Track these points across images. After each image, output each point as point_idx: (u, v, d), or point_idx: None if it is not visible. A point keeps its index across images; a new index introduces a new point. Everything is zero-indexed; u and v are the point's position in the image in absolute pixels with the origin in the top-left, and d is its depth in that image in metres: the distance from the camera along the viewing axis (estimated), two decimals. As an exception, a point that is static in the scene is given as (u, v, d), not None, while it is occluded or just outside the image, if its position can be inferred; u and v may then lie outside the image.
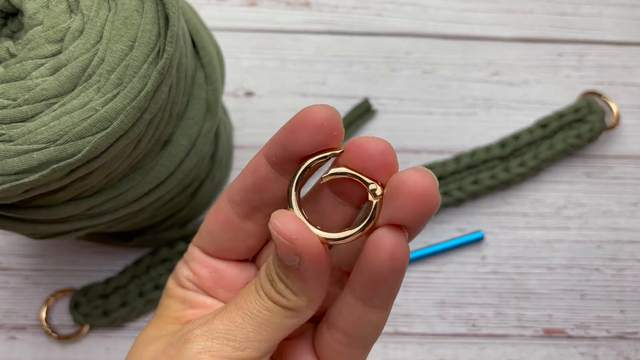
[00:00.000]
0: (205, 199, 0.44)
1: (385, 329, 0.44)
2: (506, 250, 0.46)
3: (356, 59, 0.50)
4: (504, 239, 0.46)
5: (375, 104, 0.49)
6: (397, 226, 0.22)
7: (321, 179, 0.24)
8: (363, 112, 0.48)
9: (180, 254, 0.43)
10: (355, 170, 0.23)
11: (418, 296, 0.45)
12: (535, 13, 0.51)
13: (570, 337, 0.44)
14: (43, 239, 0.34)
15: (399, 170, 0.22)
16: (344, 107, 0.48)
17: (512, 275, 0.45)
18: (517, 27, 0.51)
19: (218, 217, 0.27)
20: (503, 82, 0.49)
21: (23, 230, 0.31)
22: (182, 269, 0.29)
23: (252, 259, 0.29)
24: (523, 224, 0.46)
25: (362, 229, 0.22)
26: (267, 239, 0.28)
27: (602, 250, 0.46)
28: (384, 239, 0.22)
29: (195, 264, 0.28)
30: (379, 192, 0.22)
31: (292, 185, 0.23)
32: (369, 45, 0.50)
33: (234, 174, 0.47)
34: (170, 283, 0.29)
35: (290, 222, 0.22)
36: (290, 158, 0.23)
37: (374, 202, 0.22)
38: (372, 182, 0.22)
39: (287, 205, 0.23)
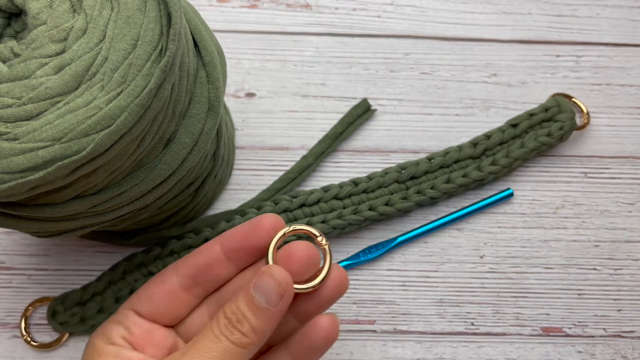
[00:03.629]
0: (207, 198, 0.44)
1: (384, 327, 0.44)
2: (504, 250, 0.46)
3: (355, 60, 0.50)
4: (502, 239, 0.46)
5: (374, 104, 0.49)
6: (331, 315, 0.32)
7: (284, 234, 0.33)
8: (362, 112, 0.48)
9: (155, 259, 0.44)
10: (304, 230, 0.33)
11: (417, 295, 0.45)
12: (532, 14, 0.52)
13: (567, 335, 0.44)
14: (47, 238, 0.34)
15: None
16: (343, 108, 0.49)
17: (510, 275, 0.46)
18: (514, 28, 0.51)
19: (163, 286, 0.34)
20: (501, 83, 0.50)
21: (28, 228, 0.31)
22: (114, 328, 0.34)
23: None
24: (521, 223, 0.47)
25: (321, 281, 0.32)
26: (192, 309, 0.35)
27: (599, 249, 0.46)
28: (324, 323, 0.32)
29: (130, 324, 0.34)
30: (324, 242, 0.33)
31: (272, 248, 0.32)
32: (368, 46, 0.51)
33: (236, 174, 0.47)
34: (98, 343, 0.33)
35: (283, 273, 0.30)
36: (247, 248, 0.33)
37: (327, 258, 0.32)
38: (319, 234, 0.33)
39: (266, 261, 0.32)
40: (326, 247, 0.33)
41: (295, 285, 0.31)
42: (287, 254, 0.32)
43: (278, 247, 0.33)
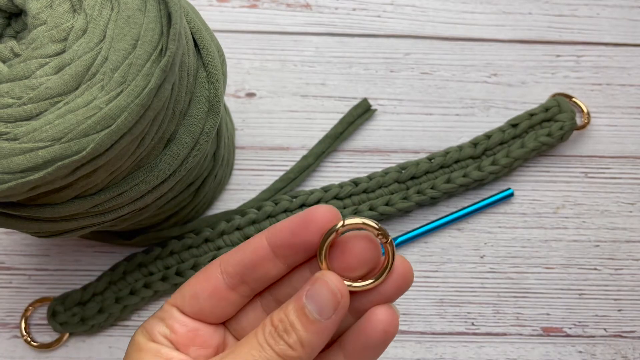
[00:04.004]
0: (208, 198, 0.44)
1: (385, 327, 0.44)
2: (504, 250, 0.46)
3: (356, 60, 0.50)
4: (502, 239, 0.46)
5: (374, 104, 0.49)
6: (389, 306, 0.28)
7: (336, 231, 0.28)
8: (362, 112, 0.48)
9: (156, 259, 0.44)
10: (361, 224, 0.28)
11: (417, 295, 0.45)
12: (533, 14, 0.52)
13: (568, 335, 0.44)
14: (47, 238, 0.34)
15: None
16: (343, 108, 0.49)
17: (511, 275, 0.46)
18: (515, 28, 0.51)
19: (207, 285, 0.30)
20: (501, 83, 0.50)
21: (28, 228, 0.31)
22: (157, 326, 0.31)
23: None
24: (521, 223, 0.47)
25: (383, 278, 0.28)
26: (241, 307, 0.32)
27: (599, 249, 0.46)
28: (380, 315, 0.28)
29: (173, 322, 0.31)
30: (385, 236, 0.27)
31: (325, 248, 0.28)
32: (368, 46, 0.51)
33: (236, 174, 0.47)
34: (140, 339, 0.31)
35: (340, 283, 0.27)
36: (297, 245, 0.28)
37: (389, 253, 0.28)
38: (378, 227, 0.28)
39: (319, 263, 0.28)
40: (387, 241, 0.28)
41: (353, 283, 0.28)
42: (343, 249, 0.28)
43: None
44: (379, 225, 0.28)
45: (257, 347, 0.27)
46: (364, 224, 0.28)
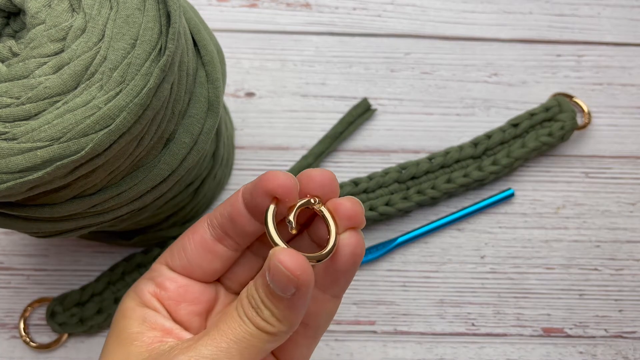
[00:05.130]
0: (207, 198, 0.44)
1: (385, 327, 0.44)
2: (505, 250, 0.46)
3: (356, 59, 0.50)
4: (503, 239, 0.46)
5: (374, 104, 0.49)
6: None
7: (289, 216, 0.27)
8: (362, 112, 0.48)
9: (155, 259, 0.43)
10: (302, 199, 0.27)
11: (417, 295, 0.45)
12: (533, 14, 0.51)
13: (568, 336, 0.44)
14: (46, 238, 0.34)
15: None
16: (343, 108, 0.48)
17: (511, 275, 0.45)
18: (515, 28, 0.51)
19: (194, 236, 0.30)
20: (502, 82, 0.50)
21: (26, 228, 0.31)
22: (146, 286, 0.30)
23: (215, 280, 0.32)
24: (522, 223, 0.46)
25: (335, 244, 0.27)
26: (231, 263, 0.31)
27: (600, 249, 0.46)
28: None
29: (163, 279, 0.31)
30: (317, 206, 0.27)
31: (270, 225, 0.26)
32: (368, 46, 0.50)
33: (235, 174, 0.47)
34: (129, 302, 0.30)
35: (294, 259, 0.25)
36: (255, 204, 0.28)
37: (330, 222, 0.27)
38: (315, 201, 0.27)
39: (271, 241, 0.26)
40: (323, 210, 0.27)
41: (314, 255, 0.26)
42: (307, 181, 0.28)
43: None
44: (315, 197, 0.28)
45: (239, 320, 0.26)
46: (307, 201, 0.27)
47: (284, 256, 0.25)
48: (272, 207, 0.27)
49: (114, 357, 0.28)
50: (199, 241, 0.30)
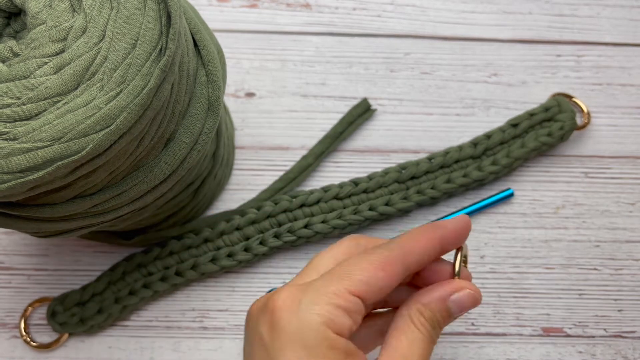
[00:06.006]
0: (207, 198, 0.44)
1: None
2: (504, 250, 0.46)
3: (356, 60, 0.50)
4: (503, 239, 0.46)
5: (374, 104, 0.49)
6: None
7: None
8: (362, 112, 0.48)
9: (155, 259, 0.43)
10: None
11: (417, 295, 0.45)
12: (533, 14, 0.52)
13: (568, 335, 0.44)
14: (46, 238, 0.34)
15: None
16: (343, 108, 0.49)
17: (511, 275, 0.45)
18: (515, 28, 0.51)
19: (391, 280, 0.30)
20: (502, 83, 0.50)
21: (27, 228, 0.31)
22: (342, 318, 0.28)
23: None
24: (521, 223, 0.46)
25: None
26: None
27: (600, 249, 0.46)
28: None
29: (358, 317, 0.29)
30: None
31: (458, 264, 0.34)
32: (368, 46, 0.50)
33: (236, 174, 0.47)
34: (325, 332, 0.28)
35: (479, 293, 0.33)
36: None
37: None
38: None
39: (453, 274, 0.33)
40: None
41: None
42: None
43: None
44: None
45: (421, 336, 0.31)
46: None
47: (473, 287, 0.32)
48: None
49: None
50: (392, 284, 0.31)
